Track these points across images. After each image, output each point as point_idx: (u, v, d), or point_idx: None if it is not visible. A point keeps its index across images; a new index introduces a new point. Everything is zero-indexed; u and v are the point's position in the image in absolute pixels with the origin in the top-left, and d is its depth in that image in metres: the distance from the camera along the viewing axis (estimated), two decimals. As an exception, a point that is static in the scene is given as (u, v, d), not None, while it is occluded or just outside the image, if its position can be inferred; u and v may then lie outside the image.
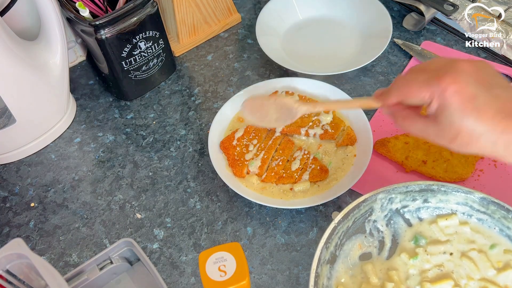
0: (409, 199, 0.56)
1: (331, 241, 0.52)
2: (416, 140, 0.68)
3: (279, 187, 0.66)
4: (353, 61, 0.79)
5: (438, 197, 0.55)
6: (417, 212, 0.57)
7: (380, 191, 0.54)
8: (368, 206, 0.55)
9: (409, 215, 0.57)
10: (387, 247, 0.55)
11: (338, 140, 0.69)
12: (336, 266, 0.53)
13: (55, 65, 0.71)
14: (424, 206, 0.56)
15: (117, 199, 0.68)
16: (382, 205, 0.56)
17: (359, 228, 0.55)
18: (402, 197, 0.56)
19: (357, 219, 0.55)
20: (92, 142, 0.75)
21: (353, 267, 0.54)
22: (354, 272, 0.53)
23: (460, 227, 0.55)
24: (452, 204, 0.56)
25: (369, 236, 0.56)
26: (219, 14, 0.86)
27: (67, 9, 0.69)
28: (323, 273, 0.51)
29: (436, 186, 0.55)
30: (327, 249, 0.52)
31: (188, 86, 0.81)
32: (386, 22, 0.80)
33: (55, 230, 0.66)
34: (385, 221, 0.56)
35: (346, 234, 0.54)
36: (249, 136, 0.69)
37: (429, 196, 0.56)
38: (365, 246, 0.55)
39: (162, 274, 0.61)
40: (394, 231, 0.56)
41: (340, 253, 0.54)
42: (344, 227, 0.53)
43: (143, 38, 0.73)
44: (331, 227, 0.52)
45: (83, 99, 0.81)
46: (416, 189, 0.55)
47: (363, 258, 0.55)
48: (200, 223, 0.65)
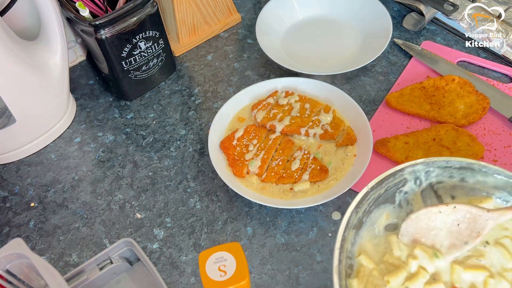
0: (446, 175, 0.53)
1: (361, 206, 0.50)
2: (416, 140, 0.68)
3: (279, 187, 0.66)
4: (353, 61, 0.79)
5: (477, 177, 0.52)
6: (451, 191, 0.54)
7: (419, 162, 0.52)
8: (404, 176, 0.52)
9: (443, 192, 0.54)
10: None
11: (338, 140, 0.69)
12: (361, 232, 0.51)
13: (55, 65, 0.71)
14: (460, 185, 0.53)
15: (117, 199, 0.68)
16: (418, 178, 0.53)
17: (389, 197, 0.53)
18: (439, 172, 0.53)
19: (389, 187, 0.52)
20: (92, 142, 0.75)
21: (378, 236, 0.52)
22: (379, 241, 0.51)
23: None
24: (489, 188, 0.52)
25: (397, 207, 0.54)
26: (219, 14, 0.86)
27: (67, 9, 0.69)
28: (349, 238, 0.49)
29: (478, 165, 0.51)
30: (356, 214, 0.50)
31: (188, 86, 0.81)
32: (386, 22, 0.80)
33: (55, 230, 0.66)
34: (417, 194, 0.54)
35: (376, 202, 0.52)
36: (249, 136, 0.69)
37: (468, 175, 0.53)
38: (392, 216, 0.53)
39: (162, 274, 0.61)
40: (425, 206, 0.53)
41: (366, 220, 0.52)
42: (375, 194, 0.51)
43: (143, 38, 0.73)
44: (364, 192, 0.50)
45: (83, 99, 0.81)
46: (456, 166, 0.52)
47: (389, 228, 0.53)
48: (200, 223, 0.65)
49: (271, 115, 0.71)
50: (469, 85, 0.73)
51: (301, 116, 0.70)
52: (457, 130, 0.68)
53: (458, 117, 0.70)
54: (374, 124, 0.72)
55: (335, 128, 0.69)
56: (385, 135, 0.70)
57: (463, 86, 0.73)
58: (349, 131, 0.68)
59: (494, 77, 0.77)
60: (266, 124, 0.70)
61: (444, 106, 0.71)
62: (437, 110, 0.71)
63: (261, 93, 0.75)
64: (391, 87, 0.77)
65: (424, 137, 0.68)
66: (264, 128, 0.70)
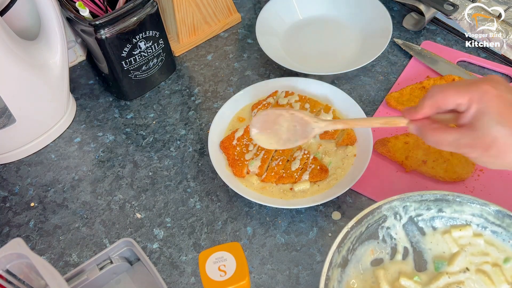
0: (424, 208, 0.56)
1: (343, 245, 0.52)
2: (416, 140, 0.68)
3: (279, 187, 0.66)
4: (353, 61, 0.79)
5: (453, 207, 0.55)
6: (431, 221, 0.56)
7: (395, 198, 0.54)
8: (382, 213, 0.55)
9: (423, 223, 0.56)
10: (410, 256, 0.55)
11: (338, 140, 0.69)
12: (347, 270, 0.53)
13: (55, 64, 0.71)
14: (438, 215, 0.56)
15: (117, 199, 0.68)
16: (397, 213, 0.55)
17: (372, 234, 0.55)
18: (416, 206, 0.55)
19: (370, 225, 0.54)
20: (92, 142, 0.75)
21: (365, 272, 0.54)
22: (365, 277, 0.53)
23: (474, 238, 0.54)
24: (467, 215, 0.55)
25: (382, 242, 0.56)
26: (219, 14, 0.86)
27: (67, 9, 0.69)
28: (334, 276, 0.51)
29: (451, 196, 0.54)
30: (339, 253, 0.52)
31: (188, 86, 0.81)
32: (386, 22, 0.80)
33: (55, 230, 0.66)
34: (399, 229, 0.56)
35: (359, 239, 0.54)
36: (249, 136, 0.69)
37: (444, 206, 0.55)
38: (378, 251, 0.55)
39: (162, 274, 0.61)
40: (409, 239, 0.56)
41: (352, 258, 0.54)
42: (357, 232, 0.53)
43: (143, 38, 0.73)
44: (344, 232, 0.52)
45: (83, 99, 0.81)
46: (431, 199, 0.55)
47: (375, 263, 0.55)
48: (200, 223, 0.65)
49: (271, 115, 0.71)
50: (469, 85, 0.73)
51: (301, 116, 0.70)
52: (457, 130, 0.68)
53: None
54: (374, 124, 0.72)
55: (335, 128, 0.69)
56: (385, 135, 0.70)
57: (463, 86, 0.73)
58: (349, 131, 0.68)
59: (494, 77, 0.77)
60: (266, 124, 0.70)
61: (444, 106, 0.71)
62: (437, 110, 0.71)
63: (261, 93, 0.75)
64: (391, 87, 0.77)
65: (424, 137, 0.68)
66: (264, 128, 0.70)
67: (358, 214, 0.53)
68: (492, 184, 0.65)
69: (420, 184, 0.65)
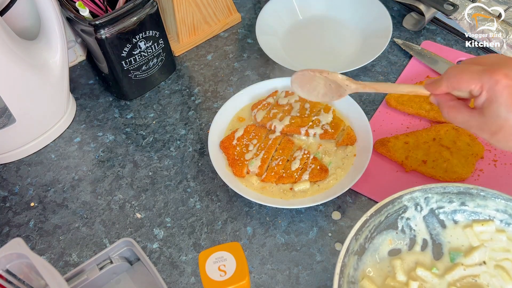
0: (446, 200, 0.55)
1: (361, 233, 0.51)
2: (416, 140, 0.68)
3: (279, 186, 0.66)
4: (353, 60, 0.79)
5: (477, 201, 0.54)
6: (453, 215, 0.55)
7: (417, 189, 0.53)
8: (403, 203, 0.54)
9: (444, 216, 0.56)
10: (429, 248, 0.55)
11: (338, 139, 0.69)
12: (364, 258, 0.53)
13: (55, 64, 0.71)
14: (460, 209, 0.55)
15: (117, 198, 0.68)
16: (418, 204, 0.55)
17: (391, 224, 0.55)
18: (438, 198, 0.55)
19: (390, 214, 0.54)
20: (92, 142, 0.75)
21: (381, 261, 0.53)
22: (382, 266, 0.53)
23: (496, 234, 0.54)
24: (490, 210, 0.54)
25: (400, 232, 0.55)
26: (219, 14, 0.86)
27: (67, 9, 0.69)
28: (350, 263, 0.50)
29: (475, 190, 0.53)
30: (356, 241, 0.51)
31: (188, 86, 0.81)
32: (386, 21, 0.80)
33: (55, 229, 0.66)
34: (419, 220, 0.55)
35: (377, 228, 0.53)
36: (249, 136, 0.69)
37: (467, 199, 0.54)
38: (396, 242, 0.55)
39: (162, 273, 0.61)
40: (429, 231, 0.55)
41: (369, 246, 0.53)
42: (376, 221, 0.53)
43: (143, 38, 0.73)
44: (362, 220, 0.51)
45: (83, 99, 0.81)
46: (454, 191, 0.54)
47: (392, 253, 0.54)
48: (200, 223, 0.65)
49: (271, 115, 0.71)
50: (469, 85, 0.73)
51: (301, 116, 0.70)
52: (457, 130, 0.68)
53: (458, 117, 0.70)
54: (374, 124, 0.72)
55: (335, 128, 0.69)
56: (385, 135, 0.70)
57: (463, 86, 0.73)
58: (349, 131, 0.68)
59: (494, 77, 0.77)
60: (266, 124, 0.70)
61: (444, 106, 0.71)
62: (437, 110, 0.71)
63: (261, 93, 0.75)
64: (391, 87, 0.77)
65: (424, 137, 0.68)
66: (264, 128, 0.70)
67: (378, 203, 0.52)
68: (492, 184, 0.64)
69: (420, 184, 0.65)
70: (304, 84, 0.60)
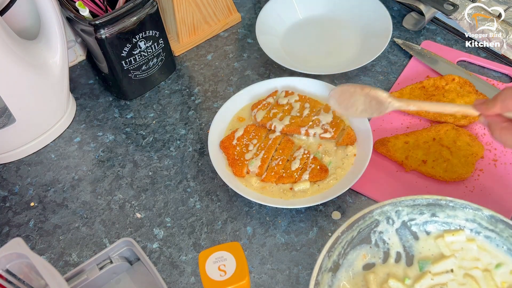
0: (416, 212, 0.55)
1: (333, 250, 0.52)
2: (416, 140, 0.68)
3: (279, 186, 0.66)
4: (353, 60, 0.79)
5: (446, 212, 0.55)
6: (425, 226, 0.56)
7: (387, 203, 0.54)
8: (374, 218, 0.54)
9: (416, 228, 0.56)
10: (402, 260, 0.55)
11: (338, 139, 0.69)
12: (338, 274, 0.53)
13: (55, 64, 0.71)
14: (431, 220, 0.56)
15: (117, 198, 0.68)
16: (389, 217, 0.55)
17: (364, 238, 0.55)
18: (409, 210, 0.55)
19: (362, 229, 0.54)
20: (92, 142, 0.75)
21: (355, 276, 0.53)
22: (356, 281, 0.53)
23: (466, 243, 0.54)
24: (460, 220, 0.55)
25: (374, 246, 0.55)
26: (219, 14, 0.86)
27: (67, 9, 0.69)
28: (324, 281, 0.51)
29: (444, 201, 0.54)
30: (329, 258, 0.51)
31: (188, 86, 0.81)
32: (386, 21, 0.80)
33: (55, 229, 0.66)
34: (392, 233, 0.56)
35: (350, 244, 0.54)
36: (249, 136, 0.69)
37: (437, 210, 0.55)
38: (370, 256, 0.55)
39: (162, 273, 0.61)
40: (402, 243, 0.56)
41: (343, 262, 0.54)
42: (348, 237, 0.53)
43: (143, 38, 0.73)
44: (334, 237, 0.51)
45: (83, 99, 0.81)
46: (424, 203, 0.54)
47: (367, 267, 0.54)
48: (200, 223, 0.65)
49: (271, 115, 0.71)
50: (469, 84, 0.73)
51: (301, 115, 0.70)
52: (457, 130, 0.68)
53: (458, 117, 0.70)
54: (374, 124, 0.72)
55: (335, 127, 0.69)
56: (385, 134, 0.70)
57: (463, 85, 0.73)
58: (349, 130, 0.68)
59: (494, 77, 0.77)
60: (266, 123, 0.70)
61: (444, 106, 0.71)
62: (437, 110, 0.71)
63: (261, 93, 0.75)
64: (391, 87, 0.77)
65: (424, 137, 0.68)
66: (264, 128, 0.70)
67: (349, 219, 0.52)
68: (492, 184, 0.65)
69: (420, 184, 0.65)
70: (342, 100, 0.59)
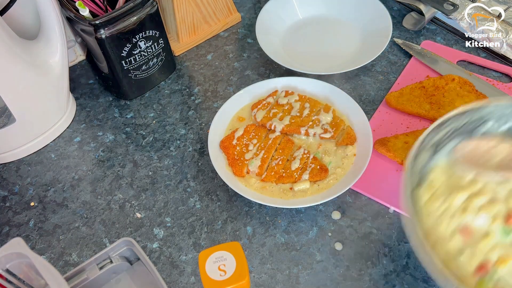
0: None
1: (439, 131, 0.51)
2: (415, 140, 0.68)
3: (279, 186, 0.66)
4: (353, 60, 0.79)
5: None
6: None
7: (503, 103, 0.51)
8: (484, 113, 0.52)
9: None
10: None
11: (338, 139, 0.69)
12: (436, 156, 0.52)
13: (55, 64, 0.71)
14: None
15: (117, 198, 0.68)
16: (499, 119, 0.52)
17: (469, 131, 0.53)
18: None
19: (470, 122, 0.52)
20: (92, 142, 0.75)
21: (451, 167, 0.52)
22: (450, 173, 0.52)
23: None
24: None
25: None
26: (219, 14, 0.86)
27: (67, 9, 0.69)
28: (422, 158, 0.50)
29: None
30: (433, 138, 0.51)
31: (188, 86, 0.81)
32: (386, 21, 0.80)
33: (55, 229, 0.66)
34: (496, 135, 0.53)
35: (455, 132, 0.52)
36: (249, 136, 0.69)
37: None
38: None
39: (162, 273, 0.61)
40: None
41: (443, 148, 0.53)
42: (454, 124, 0.52)
43: (143, 38, 0.73)
44: (446, 117, 0.50)
45: (83, 99, 0.81)
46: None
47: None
48: (200, 223, 0.65)
49: (271, 115, 0.71)
50: (469, 84, 0.73)
51: (301, 115, 0.70)
52: (457, 130, 0.68)
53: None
54: (374, 124, 0.72)
55: (335, 127, 0.69)
56: (385, 134, 0.70)
57: (463, 85, 0.73)
58: (349, 130, 0.68)
59: (494, 77, 0.77)
60: (266, 123, 0.70)
61: (444, 106, 0.71)
62: (437, 110, 0.71)
63: (261, 93, 0.75)
64: (391, 87, 0.77)
65: (424, 137, 0.68)
66: (264, 128, 0.70)
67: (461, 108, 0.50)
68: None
69: (420, 184, 0.65)
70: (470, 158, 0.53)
